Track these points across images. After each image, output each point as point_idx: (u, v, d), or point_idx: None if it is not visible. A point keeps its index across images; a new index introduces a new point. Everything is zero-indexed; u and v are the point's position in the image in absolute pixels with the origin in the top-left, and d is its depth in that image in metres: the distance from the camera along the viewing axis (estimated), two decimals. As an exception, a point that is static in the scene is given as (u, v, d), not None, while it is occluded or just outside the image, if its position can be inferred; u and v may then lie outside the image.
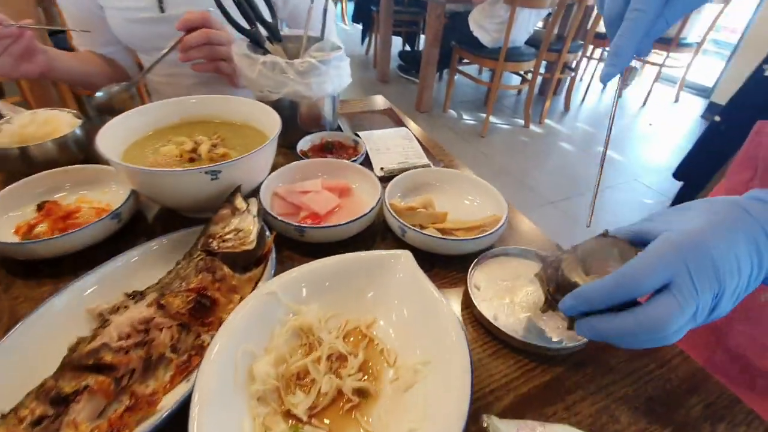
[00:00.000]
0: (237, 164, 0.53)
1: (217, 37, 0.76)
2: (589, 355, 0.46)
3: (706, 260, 0.29)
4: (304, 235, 0.55)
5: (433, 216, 0.60)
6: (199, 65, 0.79)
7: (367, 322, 0.46)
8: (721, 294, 0.30)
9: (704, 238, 0.30)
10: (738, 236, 0.30)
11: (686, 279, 0.29)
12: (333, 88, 0.74)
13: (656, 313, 0.30)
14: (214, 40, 0.76)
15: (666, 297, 0.30)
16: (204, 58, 0.78)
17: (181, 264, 0.47)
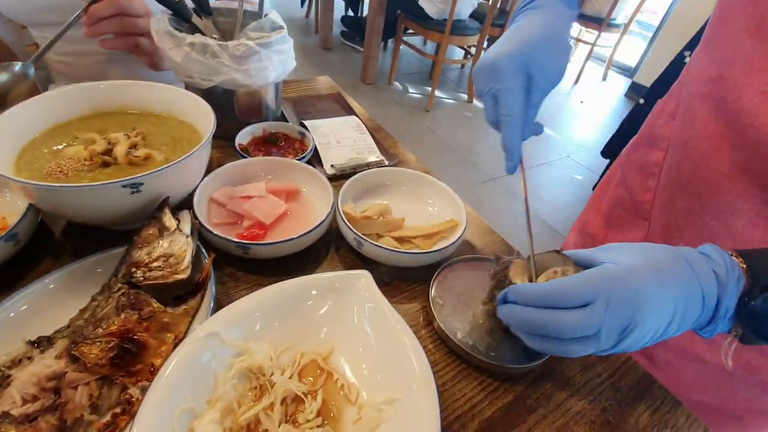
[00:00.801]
0: (163, 174, 0.45)
1: (132, 6, 0.64)
2: (548, 367, 0.47)
3: (628, 295, 0.31)
4: (248, 253, 0.49)
5: (390, 223, 0.56)
6: (109, 41, 0.66)
7: (323, 353, 0.42)
8: (632, 329, 0.31)
9: (636, 276, 0.32)
10: (670, 284, 0.32)
11: (602, 304, 0.31)
12: (276, 76, 0.66)
13: (563, 319, 0.32)
14: (128, 10, 0.63)
15: (578, 311, 0.32)
16: (116, 32, 0.65)
17: (98, 300, 0.40)
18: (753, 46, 0.42)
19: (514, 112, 0.41)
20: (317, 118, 0.81)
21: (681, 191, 0.53)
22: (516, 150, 0.43)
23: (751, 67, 0.43)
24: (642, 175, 0.61)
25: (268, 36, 0.65)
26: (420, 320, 0.50)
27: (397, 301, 0.51)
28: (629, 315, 0.31)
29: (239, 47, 0.60)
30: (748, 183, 0.46)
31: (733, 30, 0.44)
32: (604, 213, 0.69)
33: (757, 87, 0.42)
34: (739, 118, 0.44)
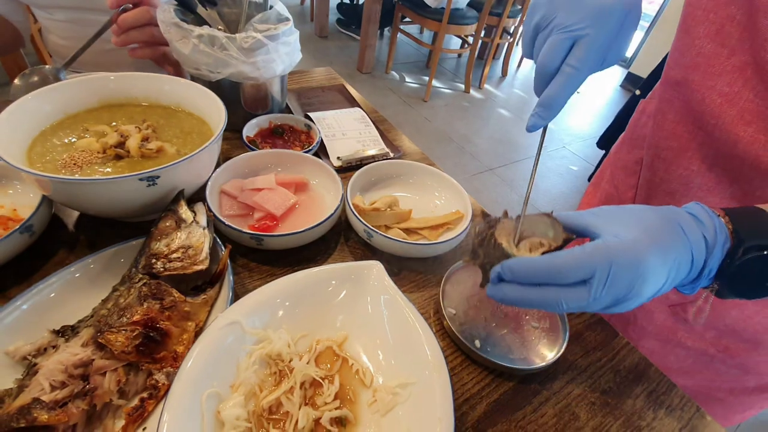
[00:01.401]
0: (179, 167, 0.46)
1: None
2: (550, 353, 0.49)
3: (630, 271, 0.31)
4: (262, 244, 0.51)
5: (398, 215, 0.58)
6: (138, 51, 0.67)
7: (338, 340, 0.43)
8: (627, 298, 0.32)
9: (638, 251, 0.31)
10: (669, 255, 0.32)
11: (600, 282, 0.31)
12: (283, 68, 0.66)
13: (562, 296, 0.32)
14: (155, 20, 0.63)
15: (579, 290, 0.32)
16: (144, 42, 0.65)
17: (120, 290, 0.41)
18: (714, 50, 0.44)
19: (584, 67, 0.35)
20: (321, 109, 0.82)
21: (656, 189, 0.55)
22: (557, 108, 0.37)
23: (713, 70, 0.45)
24: (626, 173, 0.63)
25: (274, 28, 0.65)
26: (427, 308, 0.51)
27: (405, 290, 0.53)
28: (627, 288, 0.31)
29: (247, 39, 0.60)
30: (716, 179, 0.48)
31: (696, 35, 0.46)
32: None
33: (719, 89, 0.44)
34: (704, 118, 0.46)
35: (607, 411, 0.44)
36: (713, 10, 0.43)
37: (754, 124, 0.42)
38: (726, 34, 0.43)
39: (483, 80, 3.49)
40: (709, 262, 0.33)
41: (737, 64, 0.42)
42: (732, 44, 0.42)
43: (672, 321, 0.58)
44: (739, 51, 0.42)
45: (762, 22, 0.39)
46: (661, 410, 0.46)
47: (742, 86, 0.42)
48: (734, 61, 0.43)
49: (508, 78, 3.86)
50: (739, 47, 0.42)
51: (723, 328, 0.54)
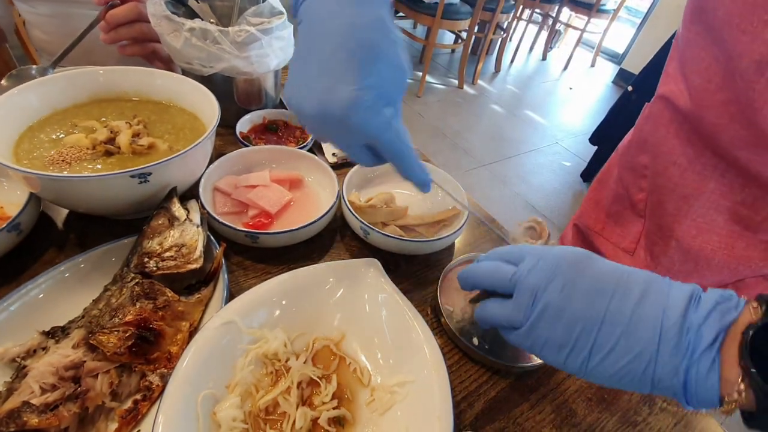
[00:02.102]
0: (171, 164, 0.45)
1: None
2: (546, 350, 0.49)
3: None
4: (257, 242, 0.50)
5: (395, 212, 0.57)
6: (127, 48, 0.65)
7: (336, 339, 0.43)
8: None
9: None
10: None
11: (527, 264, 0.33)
12: (277, 63, 0.65)
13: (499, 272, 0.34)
14: (146, 16, 0.62)
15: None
16: (134, 38, 0.64)
17: (111, 290, 0.40)
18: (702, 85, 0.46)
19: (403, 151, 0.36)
20: (315, 105, 0.81)
21: (670, 193, 0.55)
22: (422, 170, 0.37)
23: (702, 103, 0.47)
24: (634, 175, 0.63)
25: (268, 22, 0.64)
26: (424, 306, 0.51)
27: (402, 288, 0.52)
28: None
29: (240, 33, 0.59)
30: (729, 184, 0.49)
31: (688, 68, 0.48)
32: (604, 206, 0.71)
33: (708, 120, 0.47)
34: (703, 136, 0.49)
35: (603, 407, 0.45)
36: (703, 47, 0.45)
37: (746, 150, 0.44)
38: (712, 72, 0.44)
39: (476, 76, 3.50)
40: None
41: (723, 100, 0.44)
42: (717, 81, 0.44)
43: None
44: (724, 89, 0.44)
45: (740, 64, 0.40)
46: (656, 405, 0.46)
47: (729, 120, 0.44)
48: (720, 96, 0.44)
49: (501, 73, 3.86)
50: (724, 86, 0.43)
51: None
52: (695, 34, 0.46)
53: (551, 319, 0.31)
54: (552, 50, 4.44)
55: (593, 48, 4.43)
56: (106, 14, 0.62)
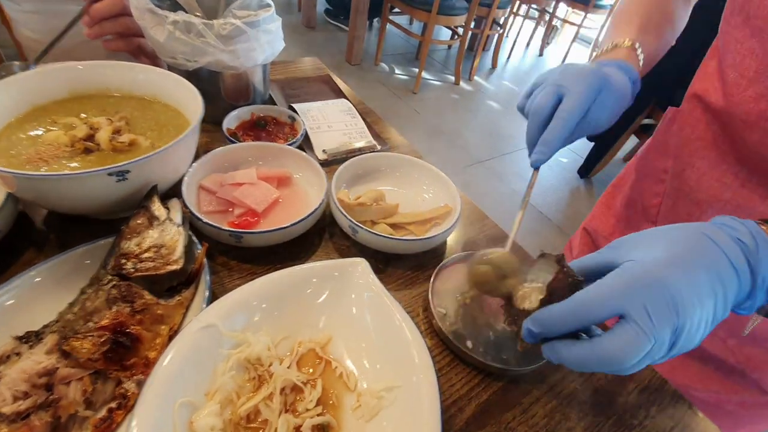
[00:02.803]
0: (151, 161, 0.43)
1: None
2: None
3: (663, 294, 0.28)
4: (241, 241, 0.48)
5: (385, 210, 0.56)
6: (111, 42, 0.64)
7: (322, 341, 0.42)
8: (681, 328, 0.28)
9: (661, 271, 0.28)
10: (698, 268, 0.29)
11: (641, 313, 0.28)
12: (264, 57, 0.63)
13: (612, 347, 0.28)
14: (129, 10, 0.60)
15: (622, 330, 0.28)
16: (118, 33, 0.63)
17: (87, 293, 0.38)
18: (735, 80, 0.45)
19: (574, 114, 0.41)
20: (306, 101, 0.79)
21: (684, 198, 0.54)
22: (556, 145, 0.42)
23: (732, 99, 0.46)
24: (652, 180, 0.62)
25: (255, 15, 0.62)
26: (416, 307, 0.50)
27: (392, 288, 0.51)
28: (677, 314, 0.28)
29: (225, 26, 0.57)
30: (748, 195, 0.48)
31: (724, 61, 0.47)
32: (616, 212, 0.70)
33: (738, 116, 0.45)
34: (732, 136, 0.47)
35: (598, 410, 0.44)
36: (741, 41, 0.44)
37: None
38: (746, 66, 0.43)
39: (473, 72, 3.47)
40: (758, 269, 0.29)
41: (753, 96, 0.43)
42: (750, 76, 0.43)
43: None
44: (756, 83, 0.43)
45: None
46: (653, 407, 0.45)
47: (758, 117, 0.43)
48: (751, 92, 0.43)
49: (498, 70, 3.84)
50: (756, 79, 0.42)
51: (745, 337, 0.53)
52: (733, 26, 0.45)
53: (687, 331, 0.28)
54: (549, 46, 4.42)
55: (590, 43, 4.41)
56: (90, 8, 0.61)
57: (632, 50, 0.49)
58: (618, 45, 0.50)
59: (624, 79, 0.45)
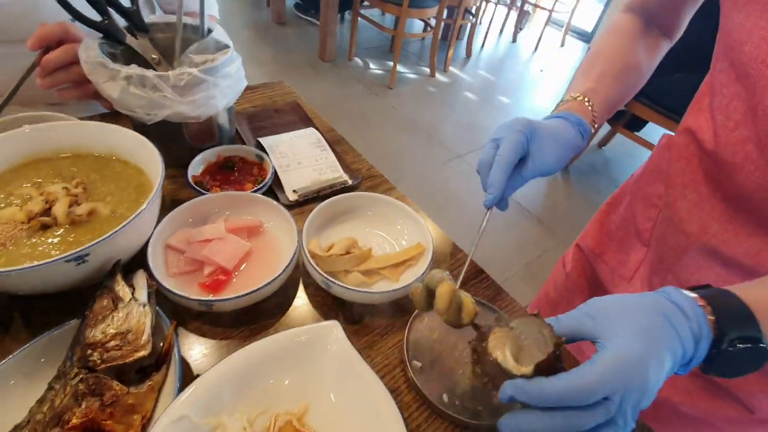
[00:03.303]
0: (111, 240, 0.42)
1: None
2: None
3: (642, 385, 0.32)
4: (212, 308, 0.48)
5: (357, 257, 0.56)
6: (66, 92, 0.62)
7: (299, 412, 0.42)
8: (641, 406, 0.33)
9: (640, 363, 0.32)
10: (665, 354, 0.33)
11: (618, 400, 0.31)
12: (226, 102, 0.62)
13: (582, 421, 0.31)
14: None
15: (596, 410, 0.31)
16: (72, 82, 0.60)
17: (55, 389, 0.38)
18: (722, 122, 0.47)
19: (509, 154, 0.46)
20: (275, 132, 0.78)
21: (675, 228, 0.56)
22: (500, 184, 0.46)
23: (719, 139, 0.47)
24: (645, 204, 0.64)
25: (212, 60, 0.60)
26: (393, 359, 0.50)
27: (369, 339, 0.52)
28: (640, 398, 0.32)
29: (182, 77, 0.55)
30: (734, 231, 0.49)
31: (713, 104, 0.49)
32: (609, 231, 0.71)
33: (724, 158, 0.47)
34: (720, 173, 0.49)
35: (571, 452, 0.45)
36: (726, 84, 0.46)
37: (761, 191, 0.44)
38: (732, 109, 0.45)
39: (448, 63, 3.46)
40: (696, 353, 0.34)
41: (740, 138, 0.45)
42: (737, 118, 0.45)
43: None
44: (741, 126, 0.44)
45: (764, 99, 0.40)
46: (622, 444, 0.47)
47: (744, 159, 0.45)
48: (737, 134, 0.45)
49: (472, 59, 3.83)
50: (742, 122, 0.44)
51: None
52: (719, 71, 0.47)
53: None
54: (522, 31, 4.42)
55: (562, 27, 4.42)
56: (41, 59, 0.58)
57: (581, 103, 0.54)
58: (567, 100, 0.55)
59: (562, 123, 0.51)
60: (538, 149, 0.48)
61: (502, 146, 0.47)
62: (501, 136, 0.48)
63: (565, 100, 0.56)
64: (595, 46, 0.62)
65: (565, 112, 0.53)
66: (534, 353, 0.36)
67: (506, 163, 0.46)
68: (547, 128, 0.49)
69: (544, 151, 0.48)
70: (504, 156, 0.46)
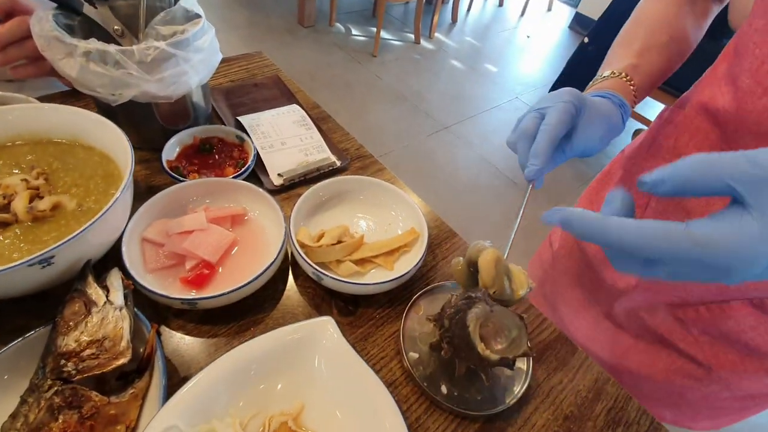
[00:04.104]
0: (79, 240, 0.38)
1: None
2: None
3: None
4: (197, 307, 0.45)
5: (349, 247, 0.53)
6: (21, 69, 0.55)
7: (294, 412, 0.40)
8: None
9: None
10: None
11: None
12: (200, 79, 0.56)
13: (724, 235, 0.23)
14: None
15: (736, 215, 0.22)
16: (28, 57, 0.54)
17: (29, 402, 0.35)
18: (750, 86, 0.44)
19: (557, 124, 0.41)
20: (256, 110, 0.73)
21: (676, 205, 0.54)
22: (545, 155, 0.41)
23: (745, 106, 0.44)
24: None
25: (182, 32, 0.54)
26: (389, 350, 0.49)
27: (365, 331, 0.50)
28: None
29: (148, 52, 0.50)
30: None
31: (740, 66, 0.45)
32: (598, 207, 0.69)
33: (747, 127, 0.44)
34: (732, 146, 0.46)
35: (569, 437, 0.45)
36: (759, 45, 0.42)
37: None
38: (764, 73, 0.42)
39: (433, 29, 3.34)
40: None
41: (767, 106, 0.42)
42: (766, 84, 0.42)
43: (671, 321, 0.59)
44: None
45: None
46: (620, 428, 0.47)
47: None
48: (765, 101, 0.42)
49: (458, 24, 3.71)
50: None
51: (717, 335, 0.55)
52: (755, 29, 0.43)
53: None
54: (509, -5, 4.28)
55: (550, -10, 4.29)
56: None
57: (622, 83, 0.50)
58: (607, 76, 0.51)
59: (607, 103, 0.47)
60: (587, 124, 0.44)
61: (550, 115, 0.42)
62: (547, 106, 0.44)
63: (605, 76, 0.52)
64: (636, 14, 0.57)
65: (607, 92, 0.49)
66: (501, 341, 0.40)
67: (554, 132, 0.42)
68: (594, 104, 0.46)
69: (593, 127, 0.45)
70: (552, 125, 0.42)
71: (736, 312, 0.53)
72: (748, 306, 0.52)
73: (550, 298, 0.82)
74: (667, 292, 0.58)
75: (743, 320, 0.53)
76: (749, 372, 0.56)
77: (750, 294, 0.51)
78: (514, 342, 0.41)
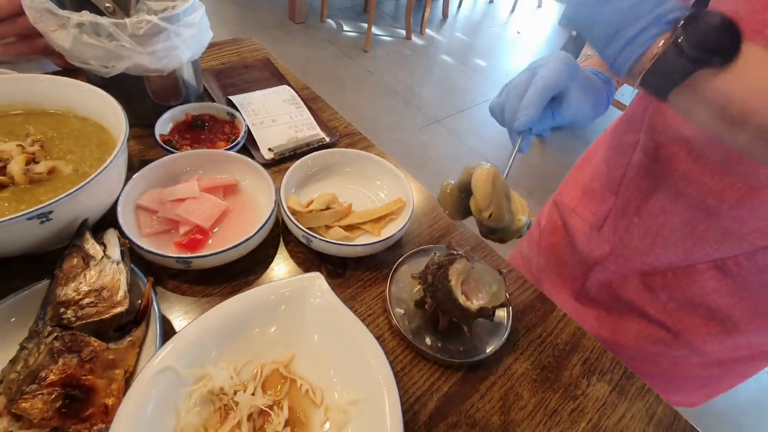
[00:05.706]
0: (76, 196, 0.40)
1: None
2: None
3: None
4: (191, 266, 0.47)
5: (338, 213, 0.55)
6: (11, 47, 0.56)
7: (285, 360, 0.42)
8: None
9: None
10: None
11: None
12: (191, 54, 0.58)
13: None
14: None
15: None
16: (18, 35, 0.55)
17: (28, 348, 0.36)
18: None
19: (549, 80, 0.41)
20: (246, 90, 0.75)
21: (645, 170, 0.56)
22: (536, 107, 0.41)
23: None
24: (618, 153, 0.64)
25: (173, 6, 0.56)
26: (376, 308, 0.51)
27: (353, 291, 0.52)
28: None
29: (140, 25, 0.51)
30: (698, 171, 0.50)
31: None
32: (583, 185, 0.72)
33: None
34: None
35: (547, 386, 0.48)
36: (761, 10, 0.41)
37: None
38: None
39: (424, 25, 3.36)
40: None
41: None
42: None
43: (642, 289, 0.62)
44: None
45: None
46: (594, 376, 0.50)
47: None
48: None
49: (449, 20, 3.73)
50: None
51: (683, 300, 0.58)
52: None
53: None
54: (499, -9, 4.31)
55: (539, -13, 4.34)
56: None
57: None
58: (590, 55, 0.52)
59: (599, 83, 0.48)
60: (579, 88, 0.43)
61: (543, 71, 0.42)
62: (539, 63, 0.43)
63: (589, 54, 0.52)
64: None
65: (593, 68, 0.49)
66: (482, 296, 0.43)
67: (546, 86, 0.41)
68: (585, 73, 0.45)
69: (586, 92, 0.44)
70: (544, 79, 0.41)
71: (699, 276, 0.56)
72: (712, 269, 0.55)
73: (536, 275, 0.84)
74: (637, 258, 0.61)
75: (706, 284, 0.56)
76: (711, 334, 0.59)
77: (713, 255, 0.54)
78: (494, 296, 0.43)
